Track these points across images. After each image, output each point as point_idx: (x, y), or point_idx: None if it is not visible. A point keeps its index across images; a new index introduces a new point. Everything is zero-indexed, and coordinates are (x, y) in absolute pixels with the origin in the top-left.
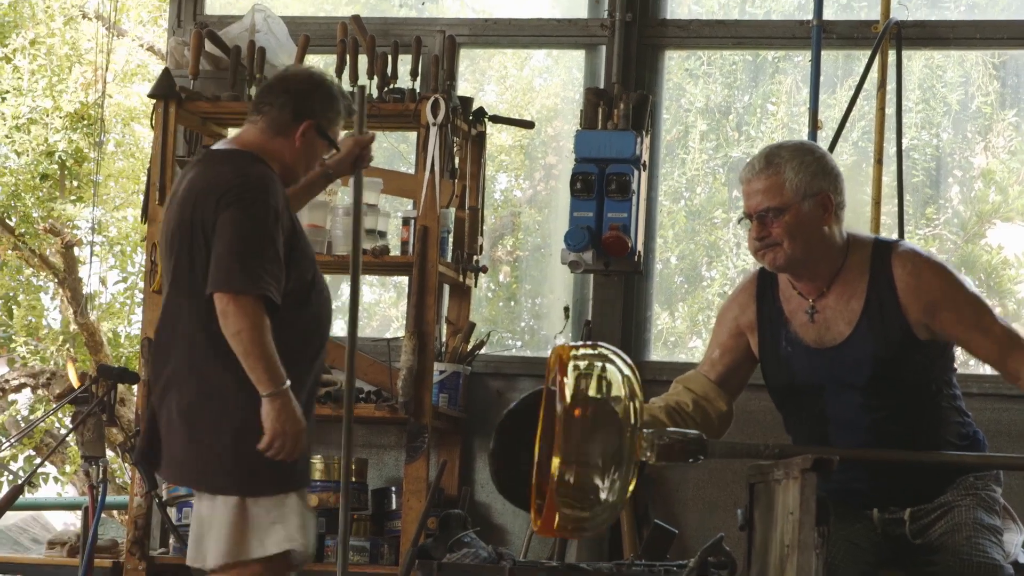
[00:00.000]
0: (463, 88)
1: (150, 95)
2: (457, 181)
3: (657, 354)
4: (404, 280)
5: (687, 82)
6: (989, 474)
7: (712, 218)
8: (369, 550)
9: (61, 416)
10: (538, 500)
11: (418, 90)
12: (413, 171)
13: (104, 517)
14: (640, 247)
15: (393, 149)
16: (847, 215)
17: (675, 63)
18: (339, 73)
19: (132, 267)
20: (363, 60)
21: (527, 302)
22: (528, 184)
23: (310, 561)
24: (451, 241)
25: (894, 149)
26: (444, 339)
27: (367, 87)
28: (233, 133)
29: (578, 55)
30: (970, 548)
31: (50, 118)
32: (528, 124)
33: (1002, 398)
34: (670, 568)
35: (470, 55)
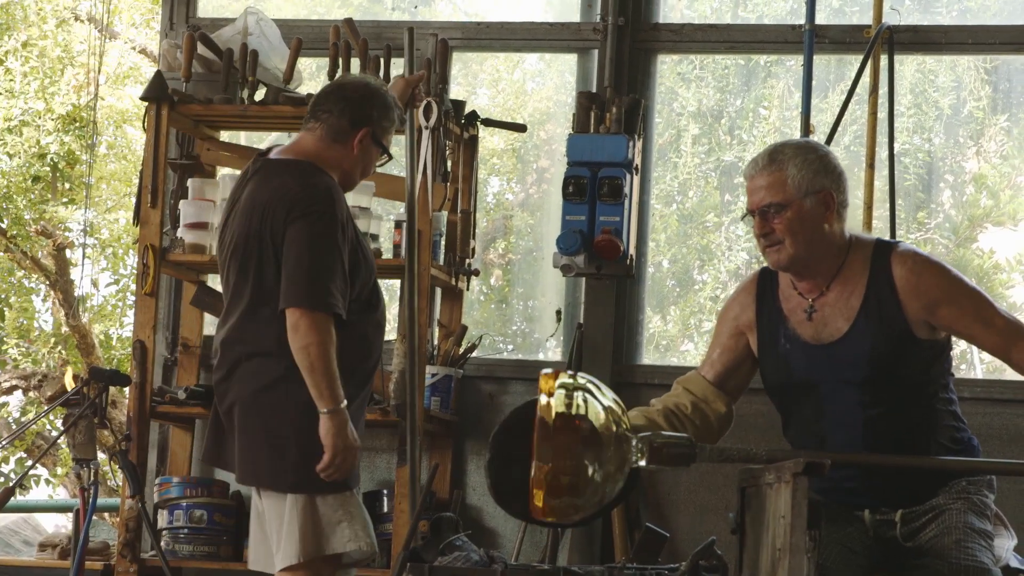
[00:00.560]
0: (455, 91)
1: (142, 98)
2: (449, 184)
3: (649, 358)
4: (396, 283)
5: (679, 86)
6: (982, 479)
7: (704, 222)
8: None
9: (52, 418)
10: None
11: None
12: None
13: (95, 519)
14: (632, 251)
15: None
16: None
17: (667, 67)
18: (332, 76)
19: (124, 269)
20: (356, 63)
21: (519, 305)
22: (520, 187)
23: (375, 558)
24: (443, 244)
25: (886, 153)
26: (436, 342)
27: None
28: (225, 136)
29: (570, 59)
30: (959, 552)
31: (42, 120)
32: (520, 127)
33: (994, 402)
34: (661, 571)
35: (462, 58)
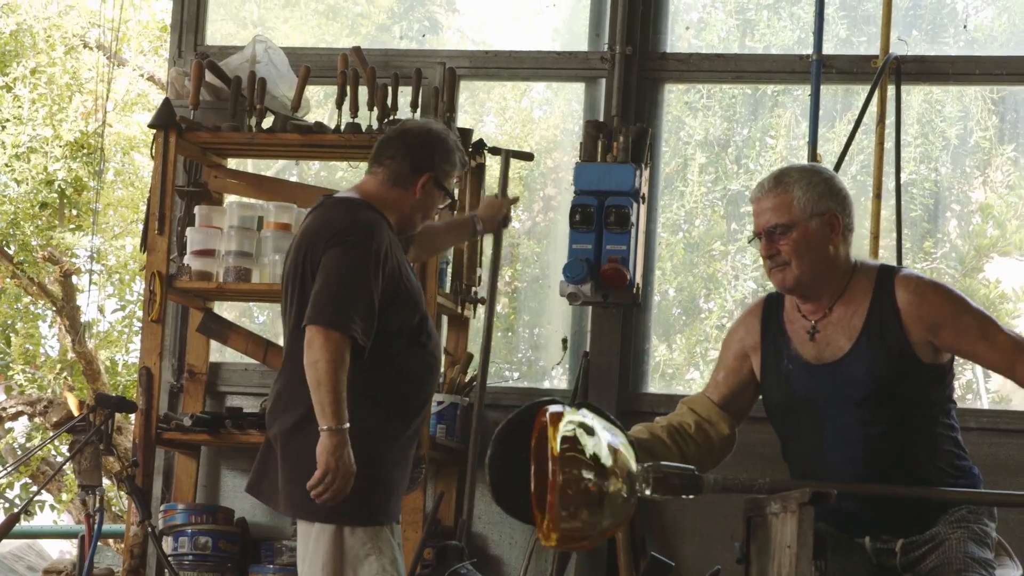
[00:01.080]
0: (463, 119)
1: (150, 125)
2: (456, 212)
3: (655, 386)
4: None
5: (686, 115)
6: (982, 507)
7: (710, 250)
8: None
9: (58, 444)
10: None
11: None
12: None
13: (100, 546)
14: (639, 279)
15: None
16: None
17: (675, 96)
18: (339, 105)
19: (130, 295)
20: (364, 91)
21: (525, 333)
22: (527, 215)
23: None
24: (449, 272)
25: (893, 183)
26: (442, 370)
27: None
28: (233, 164)
29: (578, 87)
30: None
31: (50, 147)
32: (527, 156)
33: (1000, 432)
34: None
35: (470, 87)
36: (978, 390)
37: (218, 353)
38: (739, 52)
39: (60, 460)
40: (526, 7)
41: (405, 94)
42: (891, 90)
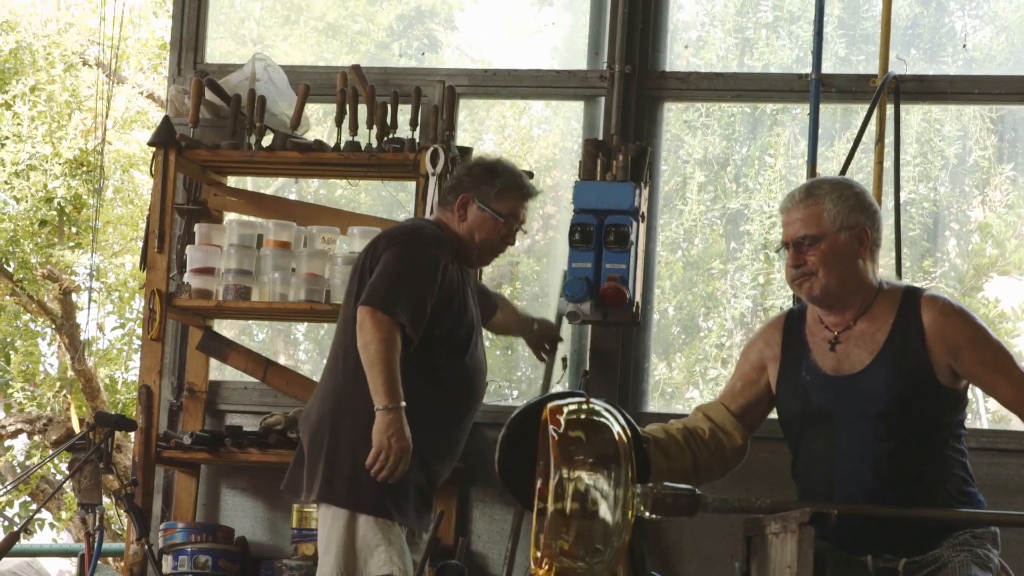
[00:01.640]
0: (462, 138)
1: (150, 143)
2: None
3: (654, 404)
4: None
5: (685, 134)
6: (986, 533)
7: (710, 269)
8: None
9: (57, 462)
10: (537, 552)
11: (417, 140)
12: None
13: (100, 564)
14: (638, 298)
15: (392, 198)
16: None
17: (674, 115)
18: (339, 122)
19: (130, 313)
20: (363, 109)
21: (524, 351)
22: (526, 234)
23: None
24: None
25: (892, 202)
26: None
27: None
28: (232, 182)
29: (577, 106)
30: None
31: (49, 164)
32: (527, 175)
33: (1000, 452)
34: None
35: (469, 105)
36: (978, 410)
37: (218, 371)
38: (738, 71)
39: (60, 478)
40: (525, 25)
41: (404, 112)
42: (890, 109)
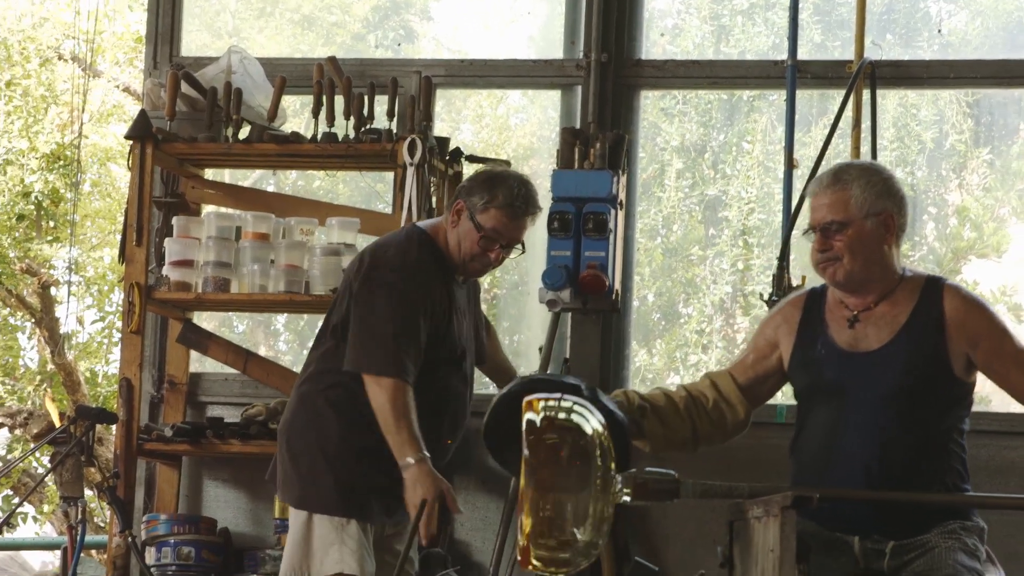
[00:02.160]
0: (439, 128)
1: (127, 136)
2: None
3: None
4: None
5: (663, 121)
6: (975, 527)
7: (689, 255)
8: None
9: (39, 456)
10: (521, 541)
11: (395, 130)
12: (390, 211)
13: (83, 556)
14: (617, 285)
15: (370, 189)
16: None
17: (651, 102)
18: (316, 114)
19: (109, 307)
20: (340, 101)
21: (505, 340)
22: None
23: None
24: None
25: None
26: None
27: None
28: (210, 174)
29: (554, 95)
30: None
31: (26, 159)
32: (504, 163)
33: (980, 434)
34: None
35: (446, 95)
36: None
37: (198, 363)
38: (714, 58)
39: (41, 472)
40: (501, 15)
41: (381, 103)
42: (866, 94)
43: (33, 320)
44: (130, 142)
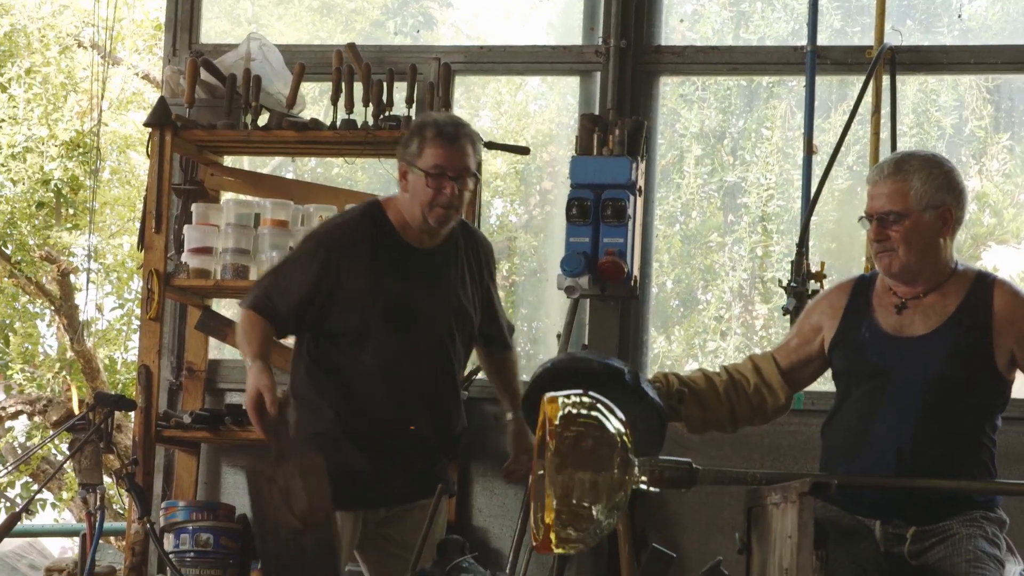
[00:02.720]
0: (458, 114)
1: (146, 123)
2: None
3: None
4: None
5: (682, 107)
6: (997, 518)
7: (707, 242)
8: None
9: (58, 443)
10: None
11: (413, 117)
12: None
13: (102, 543)
14: (636, 272)
15: (389, 176)
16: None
17: (670, 89)
18: (335, 101)
19: (129, 294)
20: (359, 88)
21: (523, 327)
22: (524, 209)
23: None
24: None
25: None
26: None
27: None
28: (229, 161)
29: (572, 81)
30: (971, 572)
31: (46, 146)
32: (523, 150)
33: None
34: None
35: (465, 82)
36: None
37: (217, 350)
38: (733, 44)
39: (60, 459)
40: (520, 1)
41: (400, 90)
42: (886, 80)
43: (52, 307)
44: (149, 129)
